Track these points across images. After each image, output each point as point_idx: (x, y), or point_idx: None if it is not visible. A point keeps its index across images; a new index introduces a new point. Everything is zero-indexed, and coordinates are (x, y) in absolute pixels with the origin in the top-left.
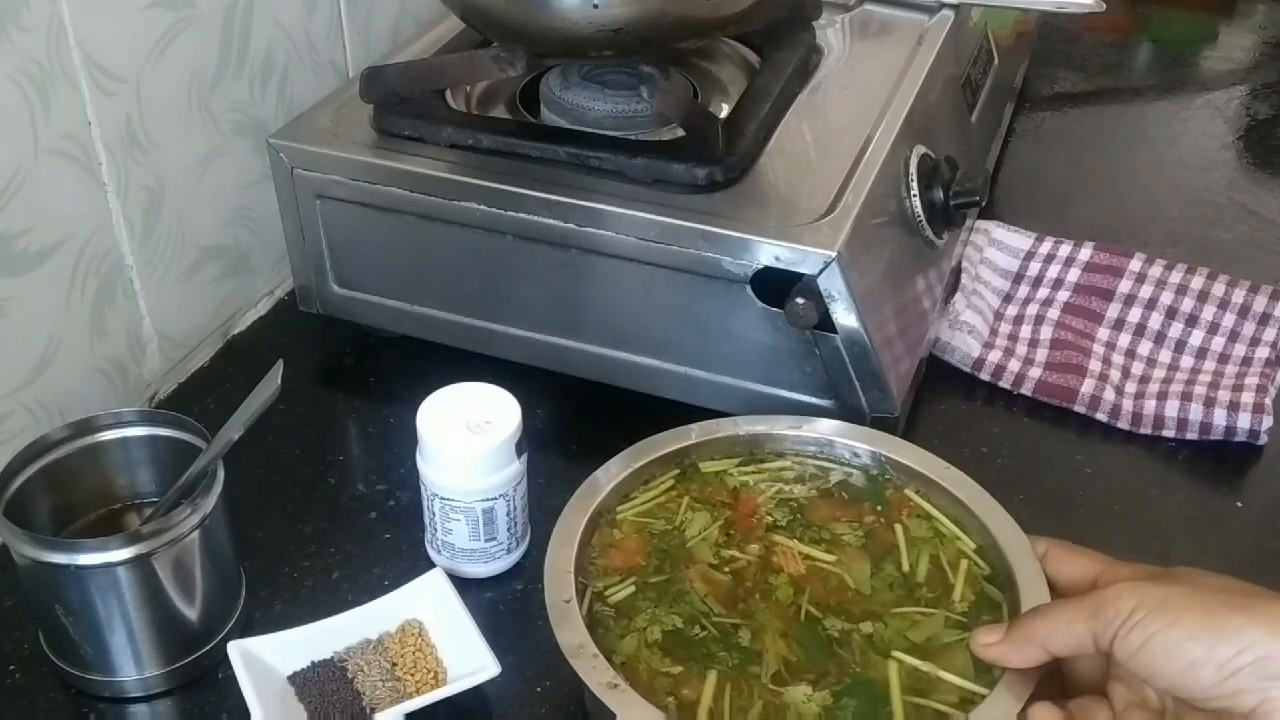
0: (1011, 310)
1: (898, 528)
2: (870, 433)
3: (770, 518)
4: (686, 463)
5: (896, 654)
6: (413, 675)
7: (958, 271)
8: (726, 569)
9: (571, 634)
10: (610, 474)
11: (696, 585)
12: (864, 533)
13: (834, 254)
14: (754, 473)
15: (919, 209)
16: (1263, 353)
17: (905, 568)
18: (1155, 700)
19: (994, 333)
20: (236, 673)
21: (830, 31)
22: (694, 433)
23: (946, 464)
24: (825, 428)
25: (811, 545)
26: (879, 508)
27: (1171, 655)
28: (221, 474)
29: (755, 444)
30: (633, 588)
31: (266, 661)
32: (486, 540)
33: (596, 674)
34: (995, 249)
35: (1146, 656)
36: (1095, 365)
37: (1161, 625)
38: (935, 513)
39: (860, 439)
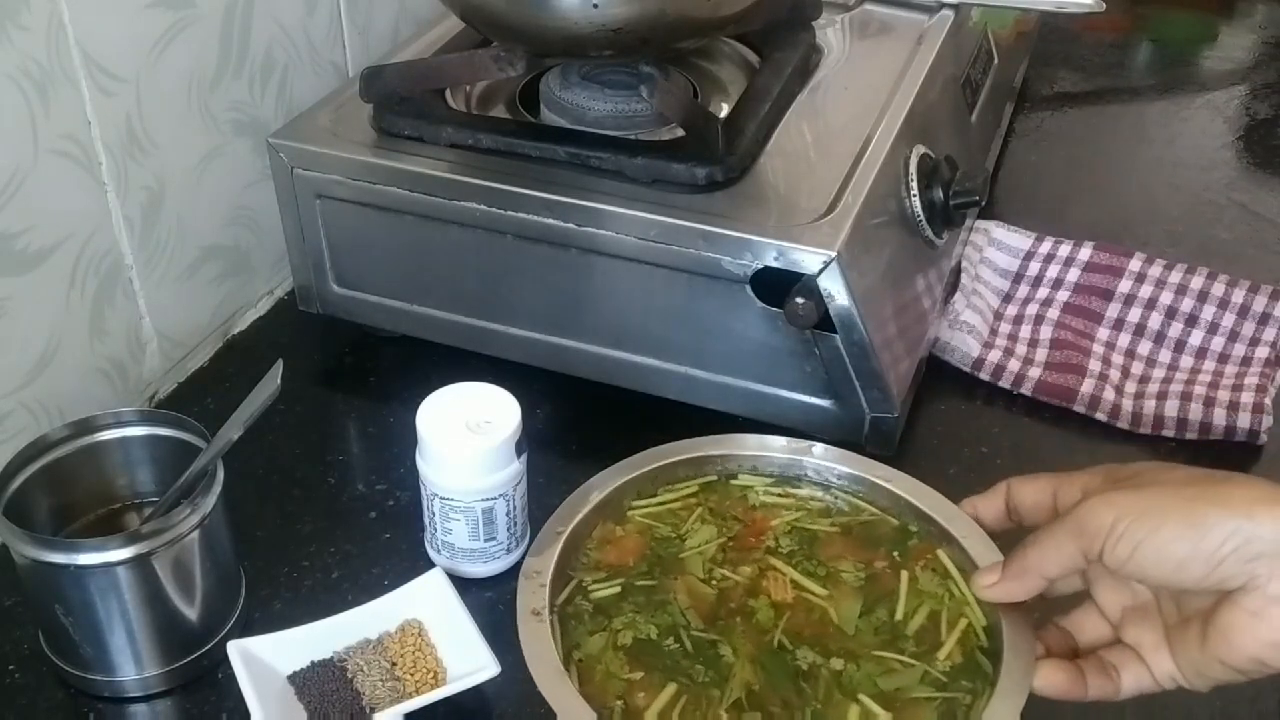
0: (1011, 310)
1: (904, 574)
2: (934, 496)
3: (775, 542)
4: (718, 471)
5: (861, 697)
6: (412, 675)
7: (957, 271)
8: (714, 585)
9: (540, 561)
10: (637, 464)
11: (680, 597)
12: (866, 575)
13: (834, 254)
14: (781, 495)
15: (919, 209)
16: (1262, 353)
17: (898, 616)
18: (1146, 594)
19: (994, 332)
20: (236, 672)
21: (830, 31)
22: (789, 447)
23: (999, 557)
24: (898, 483)
25: (806, 576)
26: (896, 554)
27: (1160, 558)
28: (221, 474)
29: (800, 467)
30: (618, 588)
31: (266, 661)
32: (486, 540)
33: (533, 599)
34: (995, 249)
35: (1136, 563)
36: (1095, 365)
37: (1145, 532)
38: (955, 572)
39: (923, 499)
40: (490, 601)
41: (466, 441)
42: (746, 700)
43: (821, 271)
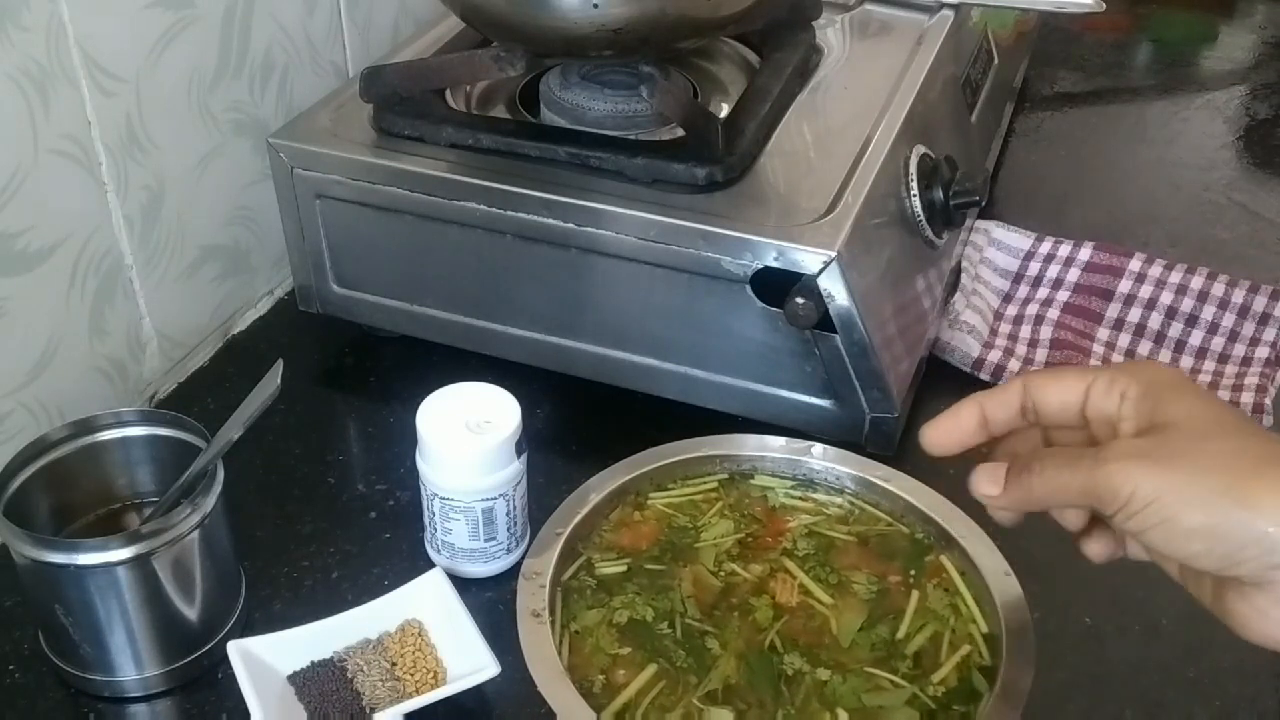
0: (1011, 310)
1: (915, 594)
2: (934, 496)
3: (792, 544)
4: (738, 469)
5: (840, 710)
6: (412, 675)
7: (957, 271)
8: (721, 578)
9: (539, 561)
10: (663, 454)
11: (684, 584)
12: (878, 589)
13: (834, 254)
14: (800, 499)
15: (919, 209)
16: (1263, 353)
17: (900, 634)
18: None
19: (994, 332)
20: (236, 672)
21: (830, 31)
22: (788, 447)
23: (1008, 571)
24: (897, 482)
25: (816, 582)
26: (911, 572)
27: (1171, 546)
28: (221, 474)
29: (808, 470)
30: (625, 567)
31: (266, 661)
32: (486, 540)
33: (532, 599)
34: (995, 249)
35: (1145, 541)
36: (1095, 365)
37: (1159, 519)
38: (963, 588)
39: (922, 500)
40: (490, 601)
41: (466, 441)
42: (722, 693)
43: (821, 271)
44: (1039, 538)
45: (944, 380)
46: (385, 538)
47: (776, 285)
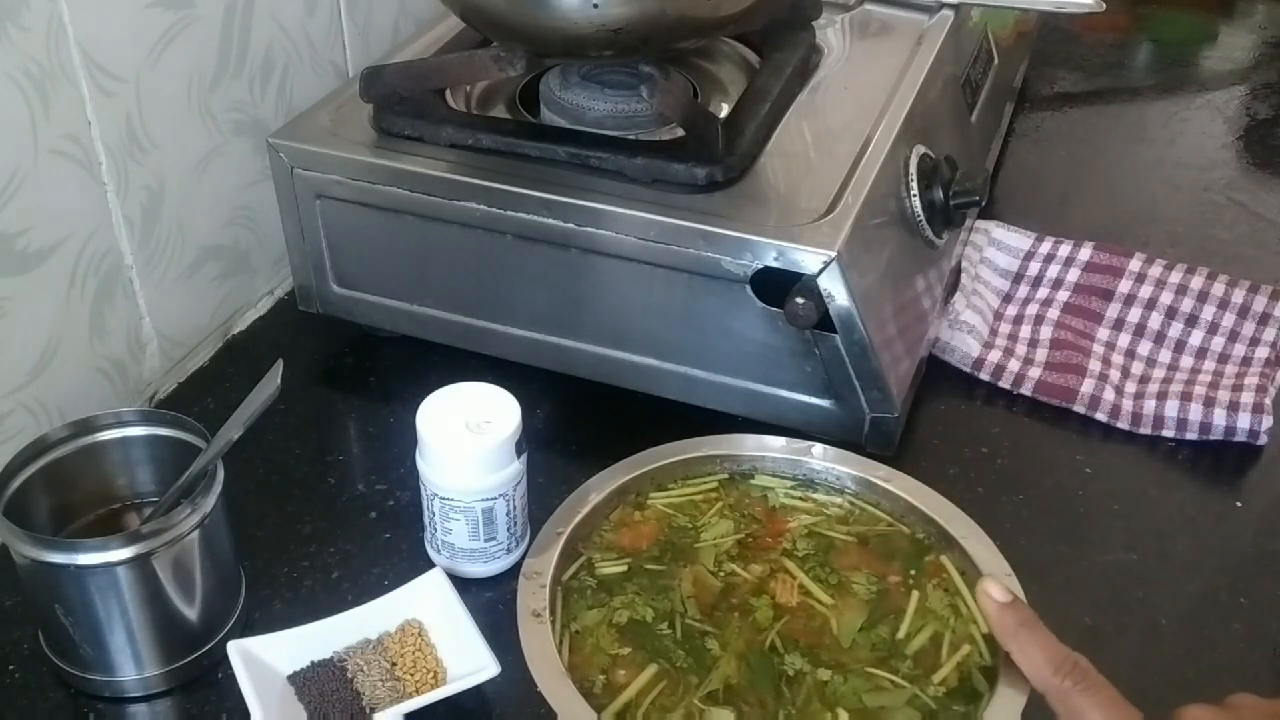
0: (1011, 310)
1: (915, 595)
2: (934, 497)
3: (792, 545)
4: (738, 469)
5: (840, 710)
6: (412, 675)
7: (958, 271)
8: (721, 578)
9: (540, 561)
10: (663, 454)
11: (684, 585)
12: (878, 589)
13: (834, 254)
14: (800, 499)
15: (919, 209)
16: (1262, 353)
17: (900, 634)
18: None
19: (994, 333)
20: (236, 672)
21: (830, 31)
22: (788, 448)
23: (1009, 571)
24: (898, 483)
25: (816, 582)
26: (912, 572)
27: None
28: (221, 474)
29: (808, 470)
30: (625, 567)
31: (266, 661)
32: (486, 540)
33: (533, 599)
34: (995, 249)
35: None
36: (1095, 365)
37: None
38: (963, 588)
39: (923, 500)
40: (490, 601)
41: (466, 441)
42: (723, 694)
43: (821, 271)
44: (1039, 538)
45: (944, 380)
46: (385, 538)
47: (776, 285)
